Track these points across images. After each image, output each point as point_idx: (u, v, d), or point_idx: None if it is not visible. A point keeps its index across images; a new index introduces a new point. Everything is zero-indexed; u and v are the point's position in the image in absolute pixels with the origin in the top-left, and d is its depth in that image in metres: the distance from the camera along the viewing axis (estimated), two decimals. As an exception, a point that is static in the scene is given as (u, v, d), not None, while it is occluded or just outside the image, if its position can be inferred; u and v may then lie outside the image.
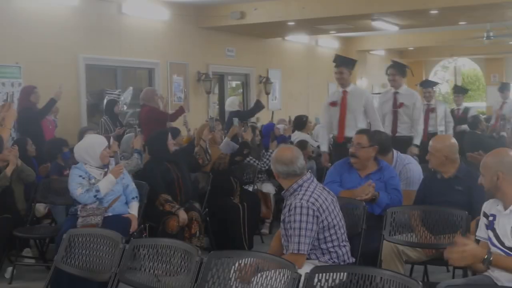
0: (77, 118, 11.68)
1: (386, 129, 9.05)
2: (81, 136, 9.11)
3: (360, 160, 6.21)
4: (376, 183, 6.01)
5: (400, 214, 5.47)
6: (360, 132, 6.59)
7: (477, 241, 4.33)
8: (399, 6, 13.30)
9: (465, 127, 12.84)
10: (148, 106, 10.44)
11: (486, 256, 3.88)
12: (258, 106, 12.22)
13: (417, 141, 9.18)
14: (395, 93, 9.53)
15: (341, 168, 6.40)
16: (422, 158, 7.72)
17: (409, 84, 11.13)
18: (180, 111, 10.94)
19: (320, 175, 9.04)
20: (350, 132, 8.17)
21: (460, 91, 14.28)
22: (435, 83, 12.69)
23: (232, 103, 12.51)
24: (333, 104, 8.73)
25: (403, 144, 8.83)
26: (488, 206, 4.34)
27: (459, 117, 13.18)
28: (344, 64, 8.66)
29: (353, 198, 5.76)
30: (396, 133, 9.32)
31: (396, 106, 9.44)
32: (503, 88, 14.61)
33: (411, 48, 24.52)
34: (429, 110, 11.32)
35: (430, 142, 5.88)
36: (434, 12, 13.85)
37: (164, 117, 10.45)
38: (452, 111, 13.19)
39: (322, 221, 4.70)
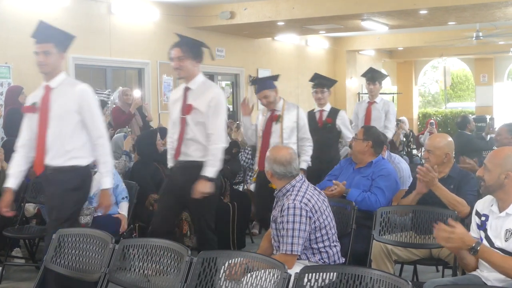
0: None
1: (170, 151, 6.05)
2: None
3: (353, 151, 6.34)
4: (361, 179, 6.06)
5: (390, 214, 5.48)
6: (362, 127, 6.78)
7: None
8: (388, 6, 13.34)
9: (346, 150, 9.08)
10: (116, 105, 10.76)
11: (474, 245, 3.89)
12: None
13: (209, 171, 5.64)
14: (186, 88, 5.91)
15: (345, 162, 6.51)
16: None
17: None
18: (127, 117, 10.42)
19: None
20: (55, 159, 5.33)
21: (322, 82, 8.73)
22: (273, 78, 7.76)
23: None
24: (29, 109, 5.52)
25: (195, 174, 5.65)
26: (481, 205, 4.32)
27: (323, 125, 8.35)
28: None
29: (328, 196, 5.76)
30: (179, 155, 5.84)
31: (185, 110, 5.82)
32: None
33: (401, 48, 24.59)
34: (272, 118, 7.27)
35: (427, 141, 5.78)
36: (423, 12, 13.89)
37: (118, 119, 10.37)
38: (310, 115, 8.36)
39: (314, 222, 4.70)
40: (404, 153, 15.01)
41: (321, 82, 8.61)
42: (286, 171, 4.85)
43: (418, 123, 28.51)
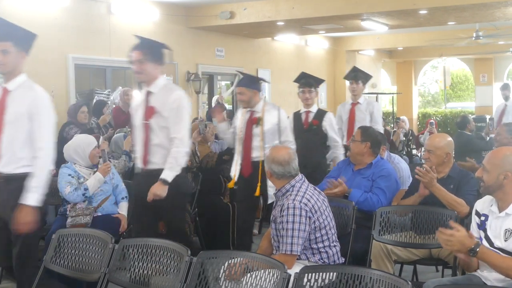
0: (65, 118, 11.65)
1: (138, 158, 5.73)
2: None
3: (352, 153, 6.29)
4: (361, 181, 6.04)
5: (390, 213, 5.48)
6: (359, 127, 6.59)
7: None
8: (388, 6, 13.33)
9: (333, 153, 8.05)
10: (116, 105, 10.87)
11: (473, 246, 3.89)
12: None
13: (167, 174, 5.42)
14: (148, 93, 5.66)
15: (343, 163, 6.49)
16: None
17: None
18: (127, 117, 10.05)
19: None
20: (6, 165, 4.98)
21: (309, 81, 8.18)
22: (258, 79, 7.45)
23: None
24: None
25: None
26: (481, 205, 4.32)
27: (309, 127, 8.00)
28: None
29: (327, 193, 5.69)
30: (147, 164, 5.60)
31: (147, 114, 5.57)
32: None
33: (400, 48, 24.58)
34: (252, 121, 6.87)
35: (427, 141, 5.73)
36: (423, 12, 13.88)
37: (118, 119, 10.29)
38: (296, 116, 8.18)
39: (314, 222, 4.70)
40: (404, 153, 15.02)
41: (308, 82, 8.11)
42: (284, 171, 4.86)
43: (418, 123, 28.50)
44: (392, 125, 18.89)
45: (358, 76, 9.08)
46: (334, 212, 5.18)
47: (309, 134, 7.85)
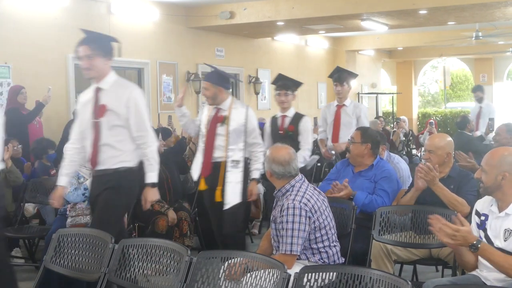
0: (66, 118, 11.67)
1: (70, 163, 5.55)
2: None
3: (352, 155, 6.23)
4: (363, 182, 6.01)
5: (390, 213, 5.47)
6: (357, 128, 6.51)
7: None
8: (388, 6, 13.34)
9: (313, 160, 8.24)
10: None
11: (475, 242, 3.88)
12: None
13: (152, 176, 5.46)
14: (97, 89, 5.40)
15: (342, 165, 6.44)
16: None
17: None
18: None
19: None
20: None
21: (287, 84, 7.61)
22: (226, 77, 6.75)
23: None
24: None
25: (108, 182, 5.35)
26: (481, 205, 4.32)
27: (285, 133, 7.43)
28: None
29: (332, 196, 5.69)
30: (96, 164, 5.37)
31: (97, 113, 5.30)
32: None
33: (400, 48, 24.58)
34: (217, 119, 6.46)
35: (427, 141, 5.69)
36: (423, 12, 13.89)
37: None
38: (272, 120, 7.67)
39: (314, 222, 4.69)
40: (404, 153, 15.02)
41: (285, 84, 7.54)
42: (285, 171, 4.85)
43: (418, 123, 28.51)
44: (392, 125, 18.89)
45: (342, 78, 8.63)
46: (334, 212, 5.18)
47: (286, 140, 6.97)
